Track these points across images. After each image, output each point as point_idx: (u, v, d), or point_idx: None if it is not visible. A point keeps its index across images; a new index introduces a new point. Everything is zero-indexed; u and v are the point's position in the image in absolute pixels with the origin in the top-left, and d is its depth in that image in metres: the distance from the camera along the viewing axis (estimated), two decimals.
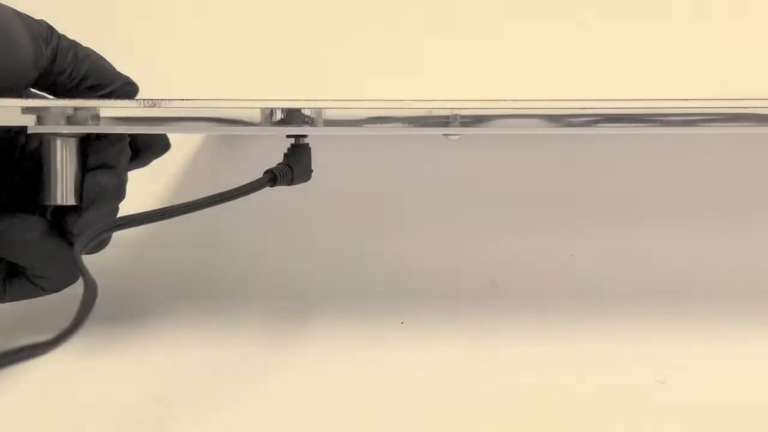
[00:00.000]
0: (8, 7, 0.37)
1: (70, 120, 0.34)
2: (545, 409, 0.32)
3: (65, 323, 0.37)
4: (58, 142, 0.35)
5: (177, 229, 0.46)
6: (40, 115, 0.33)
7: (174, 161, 0.47)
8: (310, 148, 0.35)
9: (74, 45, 0.38)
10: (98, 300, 0.36)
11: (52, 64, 0.37)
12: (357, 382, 0.33)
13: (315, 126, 0.33)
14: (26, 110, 0.34)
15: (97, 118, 0.34)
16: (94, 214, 0.36)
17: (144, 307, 0.39)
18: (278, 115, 0.33)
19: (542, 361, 0.35)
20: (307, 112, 0.33)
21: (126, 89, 0.39)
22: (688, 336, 0.36)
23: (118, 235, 0.35)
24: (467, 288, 0.41)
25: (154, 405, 0.32)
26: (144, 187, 0.42)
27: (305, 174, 0.35)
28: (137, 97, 0.38)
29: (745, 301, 0.38)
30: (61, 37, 0.38)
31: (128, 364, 0.35)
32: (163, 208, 0.31)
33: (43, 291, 0.36)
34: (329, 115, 0.32)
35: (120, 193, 0.36)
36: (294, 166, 0.34)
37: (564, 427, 0.31)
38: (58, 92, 0.39)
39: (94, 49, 0.39)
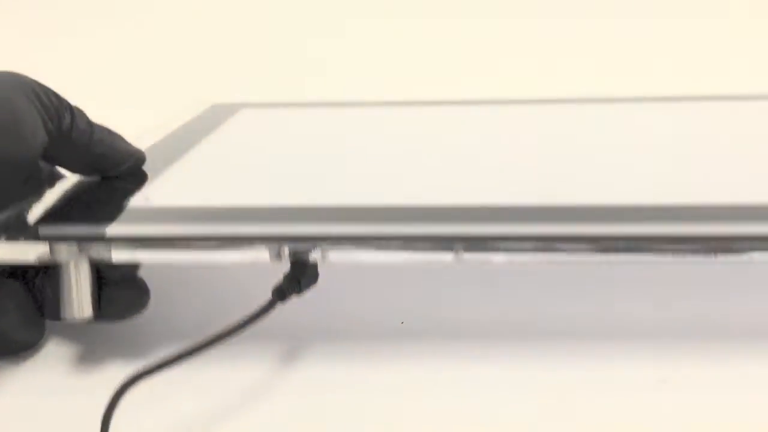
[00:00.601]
0: (27, 86, 0.36)
1: (81, 249, 0.34)
2: (544, 408, 0.33)
3: None
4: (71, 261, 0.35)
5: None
6: (52, 246, 0.34)
7: None
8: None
9: (89, 128, 0.38)
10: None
11: (65, 147, 0.37)
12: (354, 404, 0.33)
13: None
14: (35, 245, 0.34)
15: (109, 249, 0.34)
16: (107, 320, 0.37)
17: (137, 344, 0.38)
18: (285, 255, 0.33)
19: (541, 360, 0.35)
20: (315, 246, 0.33)
21: (135, 165, 0.41)
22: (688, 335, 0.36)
23: None
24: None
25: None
26: None
27: (313, 279, 0.35)
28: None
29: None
30: (77, 119, 0.38)
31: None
32: (175, 355, 0.31)
33: (10, 352, 0.37)
34: (334, 258, 0.33)
35: (145, 306, 0.37)
36: (302, 277, 0.34)
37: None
38: (68, 169, 0.40)
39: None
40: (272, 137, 0.54)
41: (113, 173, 0.40)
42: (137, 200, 0.38)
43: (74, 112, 0.38)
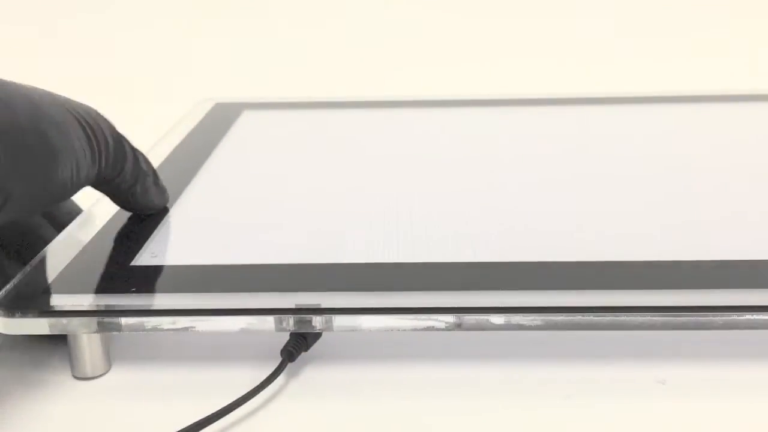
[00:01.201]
0: (89, 117, 0.37)
1: (93, 321, 0.35)
2: (544, 407, 0.33)
3: None
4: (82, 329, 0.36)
5: None
6: (68, 321, 0.35)
7: None
8: None
9: (134, 179, 0.40)
10: None
11: (107, 184, 0.40)
12: None
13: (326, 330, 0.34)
14: (47, 319, 0.34)
15: (119, 320, 0.35)
16: None
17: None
18: (290, 324, 0.34)
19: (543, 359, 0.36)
20: (317, 319, 0.34)
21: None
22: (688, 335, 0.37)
23: None
24: None
25: None
26: None
27: (318, 334, 0.36)
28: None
29: None
30: (126, 169, 0.39)
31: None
32: (195, 423, 0.32)
33: None
34: (337, 324, 0.34)
35: None
36: (307, 335, 0.35)
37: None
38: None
39: None
40: (275, 151, 0.54)
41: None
42: (145, 257, 0.39)
43: (127, 157, 0.39)
